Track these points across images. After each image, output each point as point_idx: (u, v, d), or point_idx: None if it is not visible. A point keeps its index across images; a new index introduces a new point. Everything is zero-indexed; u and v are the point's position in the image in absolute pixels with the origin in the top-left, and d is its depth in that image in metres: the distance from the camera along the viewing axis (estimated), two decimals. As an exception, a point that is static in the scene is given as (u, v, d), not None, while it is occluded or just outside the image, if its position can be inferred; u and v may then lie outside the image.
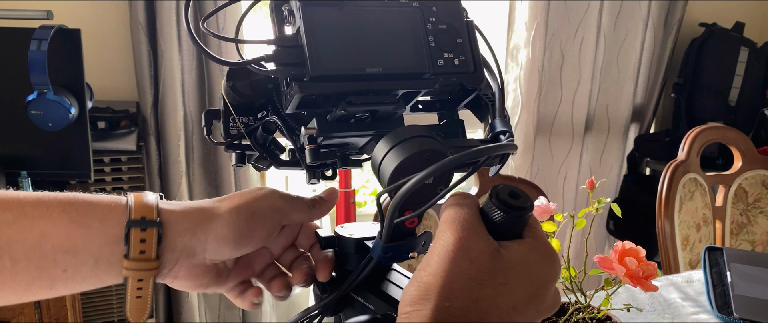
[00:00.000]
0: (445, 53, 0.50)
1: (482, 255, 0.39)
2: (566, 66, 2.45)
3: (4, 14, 1.58)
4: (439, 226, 0.41)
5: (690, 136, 1.62)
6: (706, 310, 1.12)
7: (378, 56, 0.47)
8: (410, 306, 0.38)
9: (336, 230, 0.56)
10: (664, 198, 1.51)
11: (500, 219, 0.41)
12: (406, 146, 0.44)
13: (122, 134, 1.89)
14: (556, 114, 2.50)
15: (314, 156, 0.49)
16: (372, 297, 0.51)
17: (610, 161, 2.63)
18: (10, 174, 1.61)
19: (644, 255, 0.77)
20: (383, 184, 0.46)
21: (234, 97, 0.55)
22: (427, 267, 0.39)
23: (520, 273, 0.39)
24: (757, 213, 1.65)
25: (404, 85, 0.49)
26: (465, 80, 0.51)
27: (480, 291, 0.37)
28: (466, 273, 0.38)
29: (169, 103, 1.94)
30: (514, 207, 0.41)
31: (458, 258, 0.38)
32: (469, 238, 0.39)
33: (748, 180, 1.65)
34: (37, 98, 1.50)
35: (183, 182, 2.01)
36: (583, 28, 2.42)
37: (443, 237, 0.40)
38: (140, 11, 1.87)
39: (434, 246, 0.40)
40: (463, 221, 0.40)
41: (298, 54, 0.45)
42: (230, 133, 0.56)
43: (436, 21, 0.50)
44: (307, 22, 0.45)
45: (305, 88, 0.45)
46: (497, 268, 0.38)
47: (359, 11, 0.47)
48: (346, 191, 2.02)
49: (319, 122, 0.49)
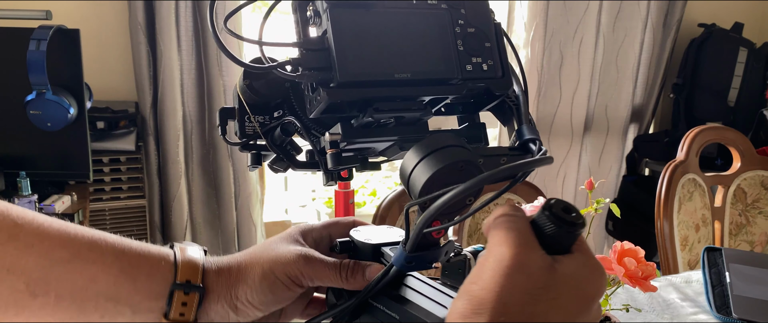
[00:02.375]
0: (473, 58, 0.48)
1: (538, 270, 0.38)
2: (565, 66, 2.45)
3: (3, 14, 1.58)
4: (490, 239, 0.40)
5: (689, 136, 1.62)
6: (705, 310, 1.12)
7: (406, 61, 0.45)
8: (462, 318, 0.37)
9: (351, 234, 0.55)
10: (663, 198, 1.51)
11: (552, 232, 0.40)
12: (439, 157, 0.43)
13: (121, 134, 1.89)
14: (555, 114, 2.50)
15: (336, 161, 0.48)
16: (393, 303, 0.50)
17: (609, 161, 2.63)
18: (9, 174, 1.61)
19: (643, 255, 0.78)
20: (413, 194, 0.44)
21: (250, 95, 0.53)
22: (480, 280, 0.38)
23: (572, 288, 0.39)
24: (755, 213, 1.65)
25: (432, 90, 0.47)
26: (493, 86, 0.49)
27: (535, 306, 0.37)
28: (522, 288, 0.37)
29: (168, 103, 1.94)
30: (567, 222, 0.40)
31: (514, 273, 0.37)
32: (526, 253, 0.38)
33: (747, 180, 1.65)
34: (36, 98, 1.50)
35: (182, 182, 2.01)
36: (582, 29, 2.42)
37: (498, 251, 0.39)
38: (139, 11, 1.87)
39: (487, 260, 0.39)
40: (518, 235, 0.39)
41: (324, 58, 0.43)
42: (246, 133, 0.55)
43: (465, 24, 0.48)
44: (335, 25, 0.43)
45: (333, 94, 0.43)
46: (551, 283, 0.38)
47: (387, 13, 0.45)
48: (346, 191, 2.02)
49: (344, 128, 0.47)
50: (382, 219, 1.22)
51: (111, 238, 0.48)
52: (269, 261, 0.50)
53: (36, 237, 0.44)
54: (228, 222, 2.12)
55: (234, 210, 2.12)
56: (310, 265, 0.50)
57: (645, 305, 1.12)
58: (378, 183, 3.95)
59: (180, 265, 0.48)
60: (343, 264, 0.51)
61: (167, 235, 2.07)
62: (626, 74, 2.54)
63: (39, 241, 0.44)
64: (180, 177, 2.00)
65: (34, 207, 1.51)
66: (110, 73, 2.00)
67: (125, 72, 1.99)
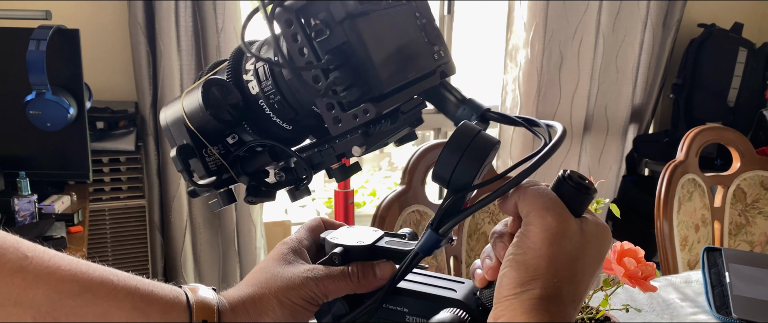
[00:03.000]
0: (433, 46, 0.49)
1: (576, 235, 0.44)
2: (565, 66, 2.45)
3: (3, 14, 1.58)
4: (526, 208, 0.45)
5: (689, 136, 1.62)
6: (704, 310, 1.12)
7: (410, 61, 0.46)
8: (520, 287, 0.42)
9: (331, 241, 0.54)
10: (663, 198, 1.51)
11: (573, 199, 0.45)
12: (479, 149, 0.45)
13: (121, 134, 1.89)
14: (554, 114, 2.50)
15: (347, 172, 0.49)
16: (394, 297, 0.51)
17: (608, 161, 2.63)
18: (8, 174, 1.61)
19: (643, 255, 0.77)
20: (455, 185, 0.45)
21: (213, 123, 0.48)
22: (531, 250, 0.43)
23: (594, 245, 0.45)
24: (755, 213, 1.65)
25: (425, 85, 0.48)
26: (448, 69, 0.50)
27: (575, 265, 0.43)
28: (567, 252, 0.43)
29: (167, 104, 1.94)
30: (587, 187, 0.45)
31: (561, 240, 0.43)
32: (566, 220, 0.44)
33: (746, 180, 1.65)
34: (36, 98, 1.50)
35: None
36: (581, 29, 2.42)
37: (544, 222, 0.43)
38: (139, 11, 1.87)
39: (533, 230, 0.44)
40: (556, 205, 0.44)
41: (354, 73, 0.42)
42: (210, 170, 0.50)
43: (420, 15, 0.49)
44: (369, 35, 0.42)
45: (381, 106, 0.42)
46: (584, 244, 0.44)
47: (381, 16, 0.45)
48: (346, 191, 2.02)
49: (366, 139, 0.46)
50: (382, 219, 1.22)
51: (121, 274, 0.47)
52: (282, 289, 0.51)
53: (45, 269, 0.43)
54: (228, 222, 2.12)
55: (234, 211, 2.12)
56: (321, 283, 0.51)
57: (645, 305, 1.12)
58: (378, 183, 3.95)
59: (194, 306, 0.48)
60: (351, 272, 0.52)
61: (167, 235, 2.07)
62: (626, 74, 2.54)
63: (48, 274, 0.43)
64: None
65: (33, 207, 1.51)
66: (110, 73, 2.00)
67: (125, 72, 1.99)
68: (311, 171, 0.50)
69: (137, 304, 0.46)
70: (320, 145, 0.50)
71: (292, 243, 0.55)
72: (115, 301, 0.45)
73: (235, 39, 1.96)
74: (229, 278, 2.18)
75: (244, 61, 0.50)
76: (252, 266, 2.18)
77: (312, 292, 0.51)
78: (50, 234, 1.44)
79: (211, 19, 1.92)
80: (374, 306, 0.51)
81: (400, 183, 1.30)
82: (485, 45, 2.90)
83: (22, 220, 1.49)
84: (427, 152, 1.30)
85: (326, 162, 0.49)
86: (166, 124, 0.51)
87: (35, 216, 1.51)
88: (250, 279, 0.52)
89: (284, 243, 0.55)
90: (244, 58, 0.50)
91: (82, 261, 0.46)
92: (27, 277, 0.42)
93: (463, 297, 0.50)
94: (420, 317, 0.50)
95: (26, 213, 1.50)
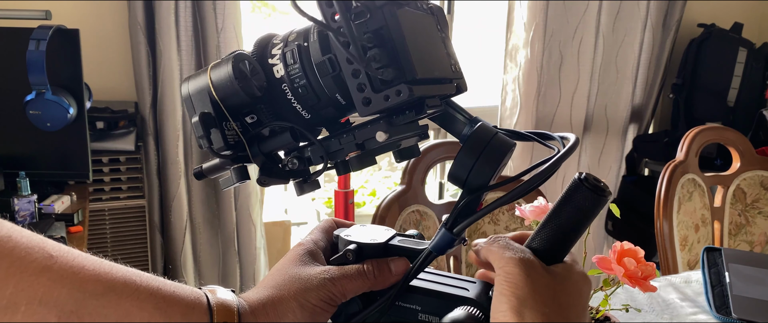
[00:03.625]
0: (452, 60, 0.50)
1: (543, 274, 0.47)
2: (565, 66, 2.45)
3: (2, 14, 1.58)
4: (493, 261, 0.47)
5: (688, 136, 1.62)
6: (704, 310, 1.12)
7: (435, 60, 0.47)
8: (513, 317, 0.45)
9: (345, 238, 0.54)
10: (663, 198, 1.51)
11: (588, 201, 0.46)
12: (496, 150, 0.46)
13: (121, 134, 1.89)
14: (554, 114, 2.50)
15: (364, 162, 0.49)
16: (407, 295, 0.52)
17: (608, 161, 2.63)
18: (8, 174, 1.61)
19: (643, 255, 0.77)
20: (470, 186, 0.47)
21: (242, 96, 0.48)
22: (501, 313, 0.46)
23: (573, 297, 0.48)
24: (755, 213, 1.65)
25: (445, 89, 0.49)
26: (462, 85, 0.51)
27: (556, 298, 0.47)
28: (543, 312, 0.45)
29: (167, 103, 1.94)
30: (602, 189, 0.46)
31: (532, 303, 0.46)
32: (530, 264, 0.47)
33: (746, 180, 1.65)
34: (36, 98, 1.50)
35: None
36: (581, 29, 2.42)
37: (507, 270, 0.46)
38: (139, 11, 1.87)
39: (501, 297, 0.46)
40: (515, 252, 0.47)
41: (390, 56, 0.43)
42: (229, 144, 0.50)
43: (440, 29, 0.50)
44: (405, 24, 0.44)
45: (414, 90, 0.43)
46: (560, 282, 0.48)
47: (414, 15, 0.46)
48: (346, 191, 2.02)
49: (389, 127, 0.47)
50: (382, 220, 1.22)
51: (144, 275, 0.47)
52: (300, 291, 0.51)
53: (70, 269, 0.43)
54: (227, 222, 2.12)
55: (233, 211, 2.12)
56: (337, 283, 0.51)
57: (645, 305, 1.12)
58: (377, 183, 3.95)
59: (215, 308, 0.48)
60: (367, 270, 0.52)
61: (167, 235, 2.07)
62: (626, 74, 2.54)
63: (73, 273, 0.43)
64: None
65: (33, 207, 1.51)
66: (110, 73, 2.00)
67: (125, 72, 1.99)
68: (327, 159, 0.51)
69: (159, 305, 0.46)
70: (339, 134, 0.50)
71: (308, 244, 0.55)
72: (138, 301, 0.45)
73: (236, 39, 1.96)
74: (228, 278, 2.18)
75: (270, 47, 0.50)
76: (252, 266, 2.18)
77: (330, 293, 0.51)
78: (50, 235, 1.44)
79: (211, 19, 1.92)
80: (388, 303, 0.52)
81: (400, 183, 1.30)
82: (485, 45, 2.90)
83: (22, 220, 1.49)
84: (427, 152, 1.30)
85: (345, 150, 0.50)
86: (187, 93, 0.51)
87: (35, 216, 1.51)
88: (267, 281, 0.53)
89: (300, 245, 0.55)
90: (270, 43, 0.51)
91: (106, 262, 0.46)
92: (52, 277, 0.42)
93: (476, 296, 0.50)
94: (432, 315, 0.51)
95: (26, 213, 1.50)
